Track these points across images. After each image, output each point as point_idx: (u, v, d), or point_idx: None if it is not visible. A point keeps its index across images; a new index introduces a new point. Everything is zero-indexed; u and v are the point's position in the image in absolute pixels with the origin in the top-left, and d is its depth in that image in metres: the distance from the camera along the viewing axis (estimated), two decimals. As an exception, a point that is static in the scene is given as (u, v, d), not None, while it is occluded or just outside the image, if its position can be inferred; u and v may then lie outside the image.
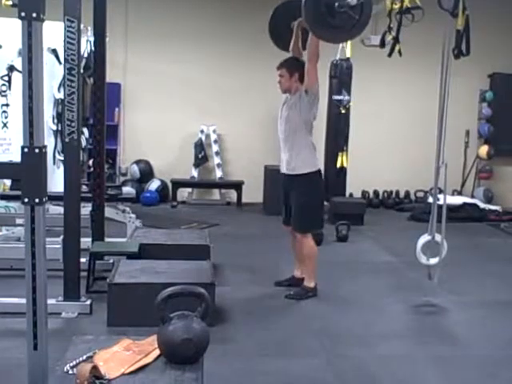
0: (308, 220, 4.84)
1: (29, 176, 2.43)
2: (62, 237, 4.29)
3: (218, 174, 9.46)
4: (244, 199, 9.22)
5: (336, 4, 4.09)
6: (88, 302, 4.22)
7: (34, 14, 2.34)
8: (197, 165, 9.40)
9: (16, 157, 2.50)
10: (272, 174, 7.94)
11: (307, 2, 4.16)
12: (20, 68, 2.44)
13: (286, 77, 4.78)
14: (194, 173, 9.42)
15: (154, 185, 9.25)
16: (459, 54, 4.54)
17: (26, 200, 2.43)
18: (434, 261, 4.73)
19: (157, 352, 2.38)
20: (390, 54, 5.57)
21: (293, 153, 4.76)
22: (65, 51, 4.09)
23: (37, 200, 2.43)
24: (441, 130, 4.62)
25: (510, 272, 5.94)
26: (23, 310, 2.52)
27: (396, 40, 5.49)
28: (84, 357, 2.34)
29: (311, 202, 4.78)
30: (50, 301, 3.82)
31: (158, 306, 2.35)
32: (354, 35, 4.50)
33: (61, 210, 4.38)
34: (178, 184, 9.26)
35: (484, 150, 9.69)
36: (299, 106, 4.70)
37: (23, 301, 2.52)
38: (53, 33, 5.10)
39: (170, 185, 9.27)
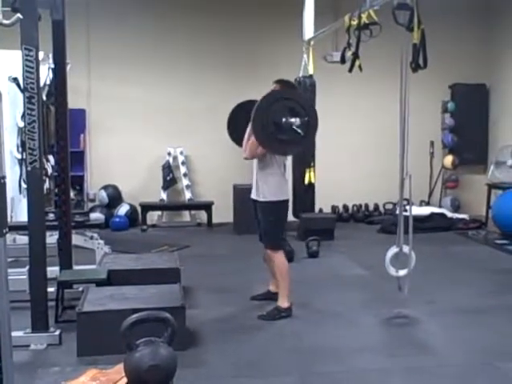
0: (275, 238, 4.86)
1: (-13, 208, 2.39)
2: (27, 267, 4.23)
3: (188, 195, 9.43)
4: (214, 219, 9.19)
5: (283, 121, 4.42)
6: (57, 333, 4.15)
7: (-14, 45, 2.32)
8: (165, 187, 9.35)
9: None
10: (241, 192, 7.91)
11: (255, 122, 4.46)
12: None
13: None
14: (163, 195, 9.37)
15: (123, 209, 9.17)
16: (417, 67, 4.62)
17: (-14, 232, 2.38)
18: (403, 272, 4.76)
19: (124, 380, 2.35)
20: (350, 70, 5.67)
21: (259, 182, 4.79)
22: (24, 80, 4.05)
23: (-4, 232, 2.39)
24: (403, 142, 4.66)
25: (480, 279, 6.01)
26: (-13, 345, 2.47)
27: (356, 55, 5.59)
28: (50, 389, 2.30)
29: (275, 224, 4.81)
30: (18, 333, 3.79)
31: (123, 333, 2.33)
32: (304, 147, 5.00)
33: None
34: (147, 207, 9.20)
35: (449, 159, 9.83)
36: None
37: (-13, 335, 2.47)
38: (13, 61, 5.07)
39: (139, 209, 9.21)
